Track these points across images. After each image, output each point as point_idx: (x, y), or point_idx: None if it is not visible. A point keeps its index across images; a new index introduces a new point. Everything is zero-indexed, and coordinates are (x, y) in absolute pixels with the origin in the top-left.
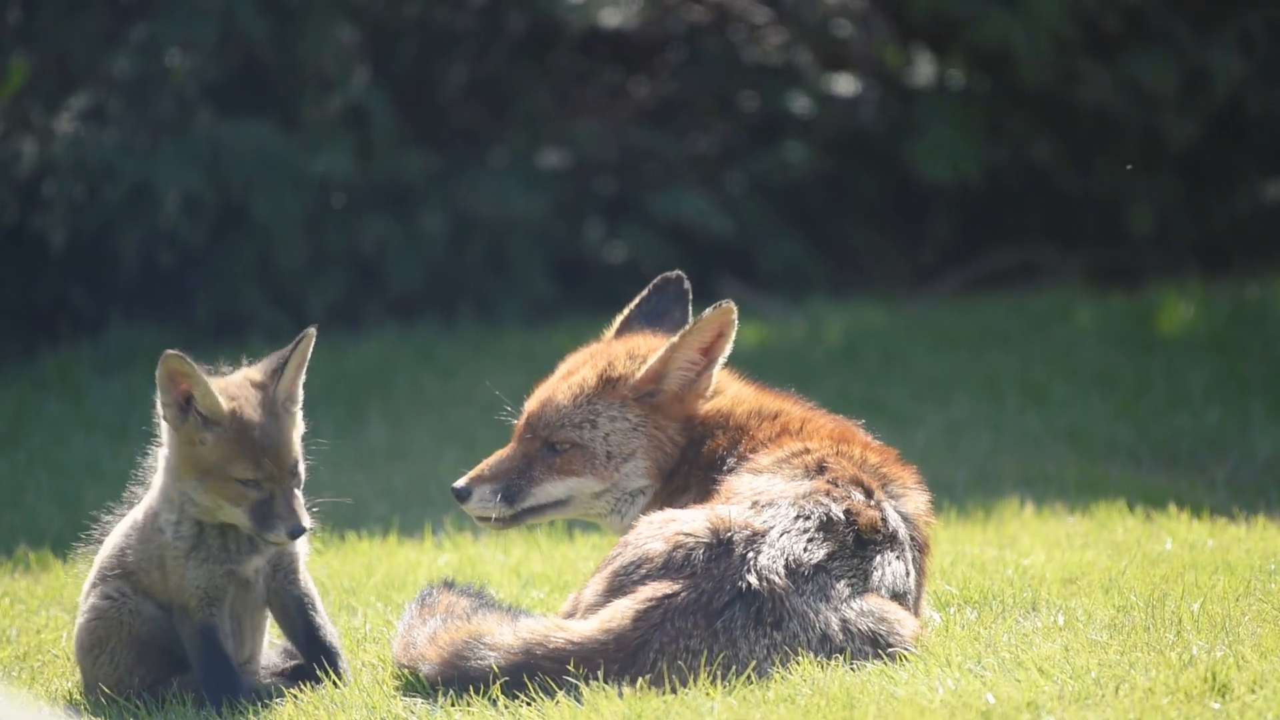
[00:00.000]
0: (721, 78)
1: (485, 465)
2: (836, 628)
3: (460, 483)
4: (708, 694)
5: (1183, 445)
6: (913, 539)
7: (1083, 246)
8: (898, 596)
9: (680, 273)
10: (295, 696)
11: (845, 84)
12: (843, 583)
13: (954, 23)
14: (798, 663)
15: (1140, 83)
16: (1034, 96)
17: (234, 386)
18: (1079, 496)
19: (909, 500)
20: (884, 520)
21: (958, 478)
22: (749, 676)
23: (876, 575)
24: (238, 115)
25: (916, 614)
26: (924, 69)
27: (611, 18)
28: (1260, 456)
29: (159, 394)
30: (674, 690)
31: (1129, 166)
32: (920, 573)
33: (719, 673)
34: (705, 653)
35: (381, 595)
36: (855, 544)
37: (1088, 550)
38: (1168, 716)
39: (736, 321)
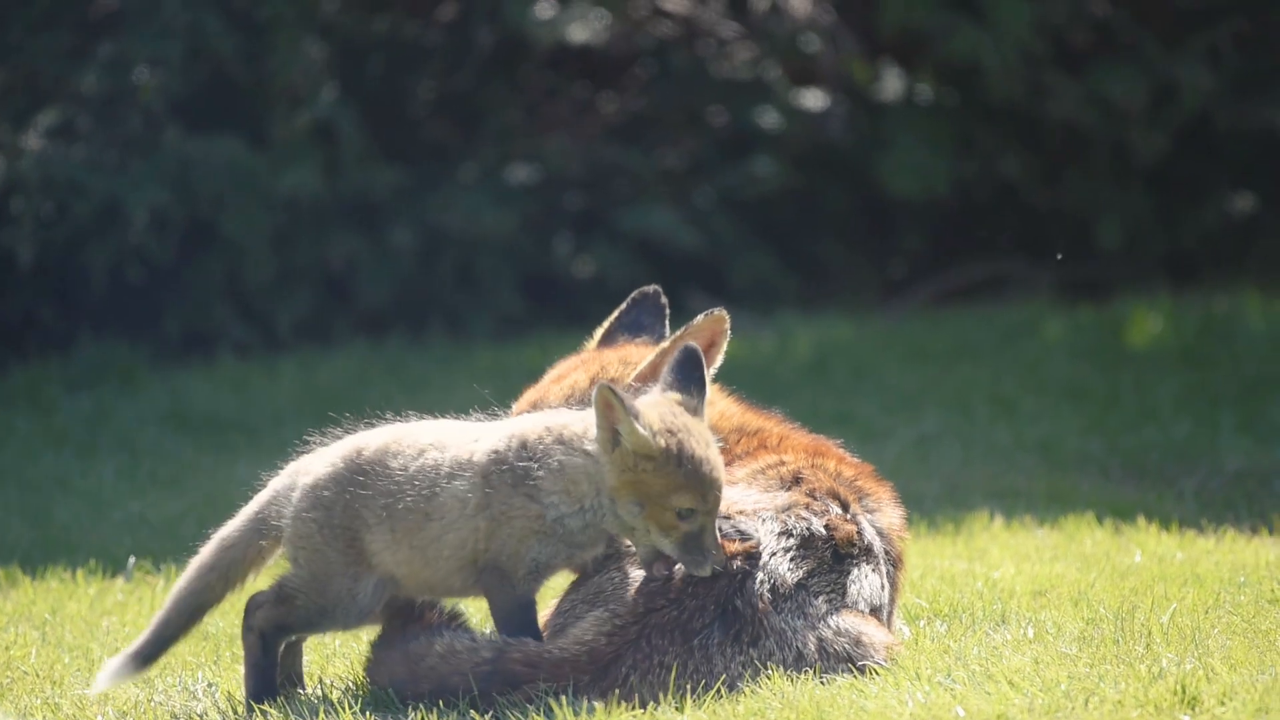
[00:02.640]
0: (690, 93)
1: None
2: (813, 647)
3: None
4: (678, 709)
5: (1152, 458)
6: (887, 553)
7: (1052, 260)
8: (874, 610)
9: (657, 287)
10: (264, 713)
11: (814, 99)
12: (821, 599)
13: (922, 37)
14: (769, 676)
15: (1109, 97)
16: (1003, 111)
17: (669, 415)
18: (1048, 509)
19: (884, 515)
20: (860, 534)
21: (928, 491)
22: (719, 690)
23: (854, 589)
24: (206, 132)
25: (890, 628)
26: (892, 84)
27: (580, 33)
28: (1229, 469)
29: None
30: (644, 705)
31: (1097, 182)
32: (894, 587)
33: (689, 686)
34: (677, 668)
35: None
36: (833, 559)
37: (1057, 563)
38: None
39: (729, 331)
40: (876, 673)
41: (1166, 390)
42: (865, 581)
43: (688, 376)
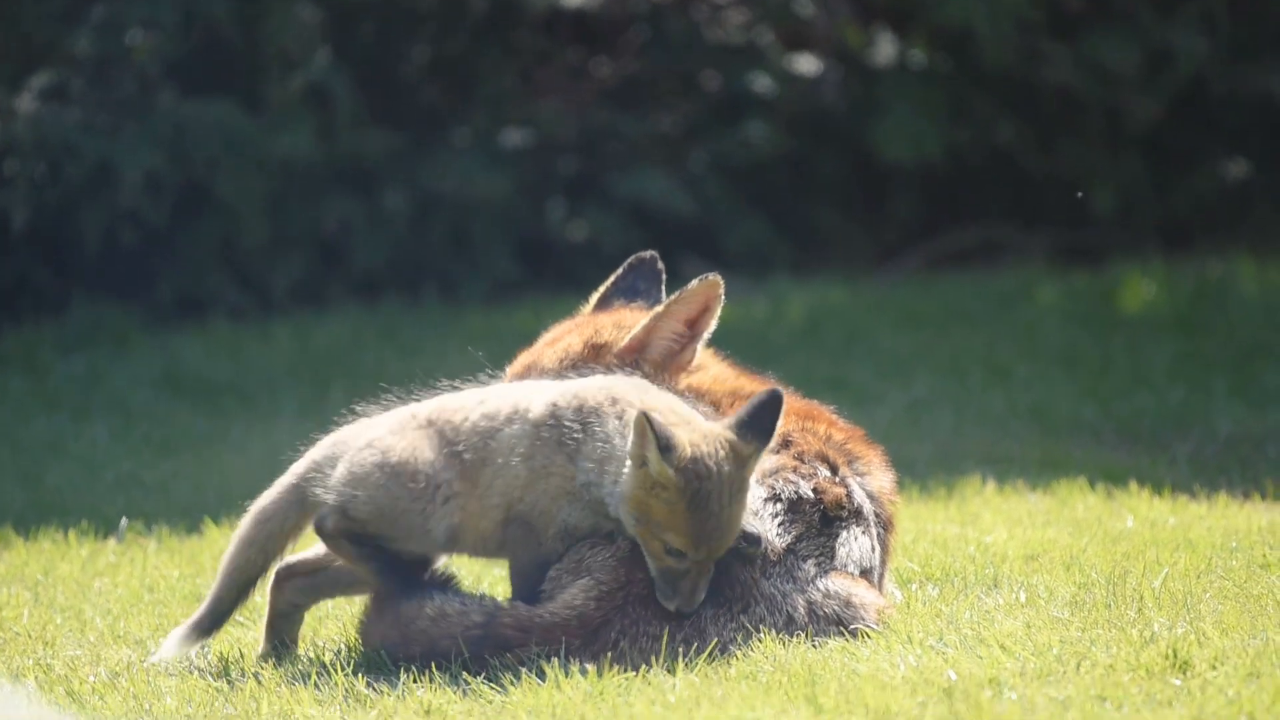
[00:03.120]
0: (684, 57)
1: None
2: (803, 611)
3: None
4: (669, 671)
5: (1145, 423)
6: (878, 515)
7: (1045, 226)
8: (865, 572)
9: (654, 253)
10: (256, 675)
11: (807, 64)
12: (810, 562)
13: (916, 3)
14: (760, 640)
15: (1103, 63)
16: (996, 77)
17: (706, 456)
18: (1041, 474)
19: (874, 478)
20: (849, 496)
21: (920, 456)
22: (711, 654)
23: (843, 552)
24: (200, 95)
25: (881, 590)
26: (886, 49)
27: None
28: (1222, 434)
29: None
30: (636, 668)
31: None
32: (885, 550)
33: (681, 650)
34: (667, 635)
35: None
36: (821, 522)
37: (1049, 528)
38: (1129, 693)
39: (723, 296)
40: (868, 636)
41: (1160, 356)
42: (855, 544)
43: (757, 422)
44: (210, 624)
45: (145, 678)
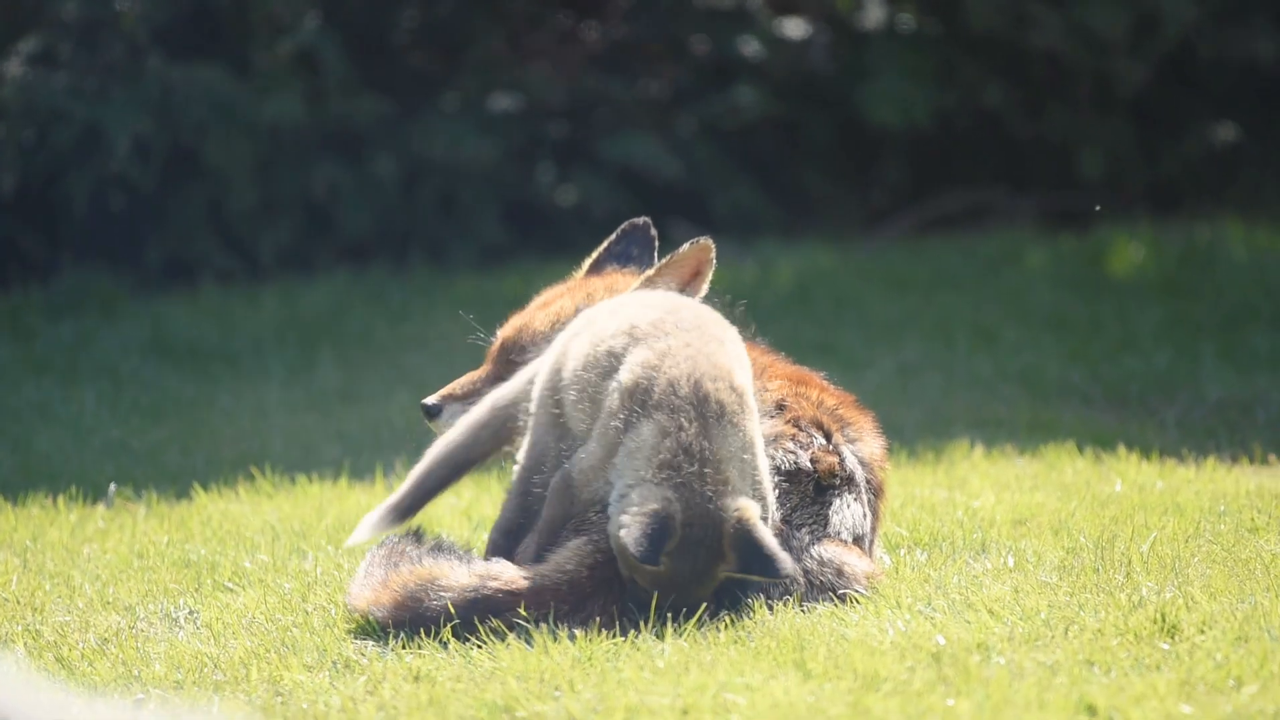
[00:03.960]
0: (672, 21)
1: (457, 384)
2: (800, 579)
3: (431, 399)
4: (658, 637)
5: (1133, 387)
6: (869, 482)
7: (1033, 190)
8: (857, 540)
9: (647, 219)
10: (244, 642)
11: (795, 27)
12: (804, 530)
13: None
14: (749, 605)
15: (1091, 27)
16: (985, 40)
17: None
18: (1029, 438)
19: (865, 444)
20: (842, 464)
21: (908, 420)
22: (700, 619)
23: (836, 519)
24: (188, 59)
25: (871, 557)
26: (874, 13)
27: None
28: (1210, 398)
29: None
30: (624, 633)
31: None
32: (875, 516)
33: (670, 617)
34: (655, 599)
35: (332, 539)
36: (815, 491)
37: (1037, 492)
38: (1117, 657)
39: (714, 260)
40: (857, 601)
41: (1148, 320)
42: (848, 511)
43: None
44: (411, 505)
45: (134, 643)
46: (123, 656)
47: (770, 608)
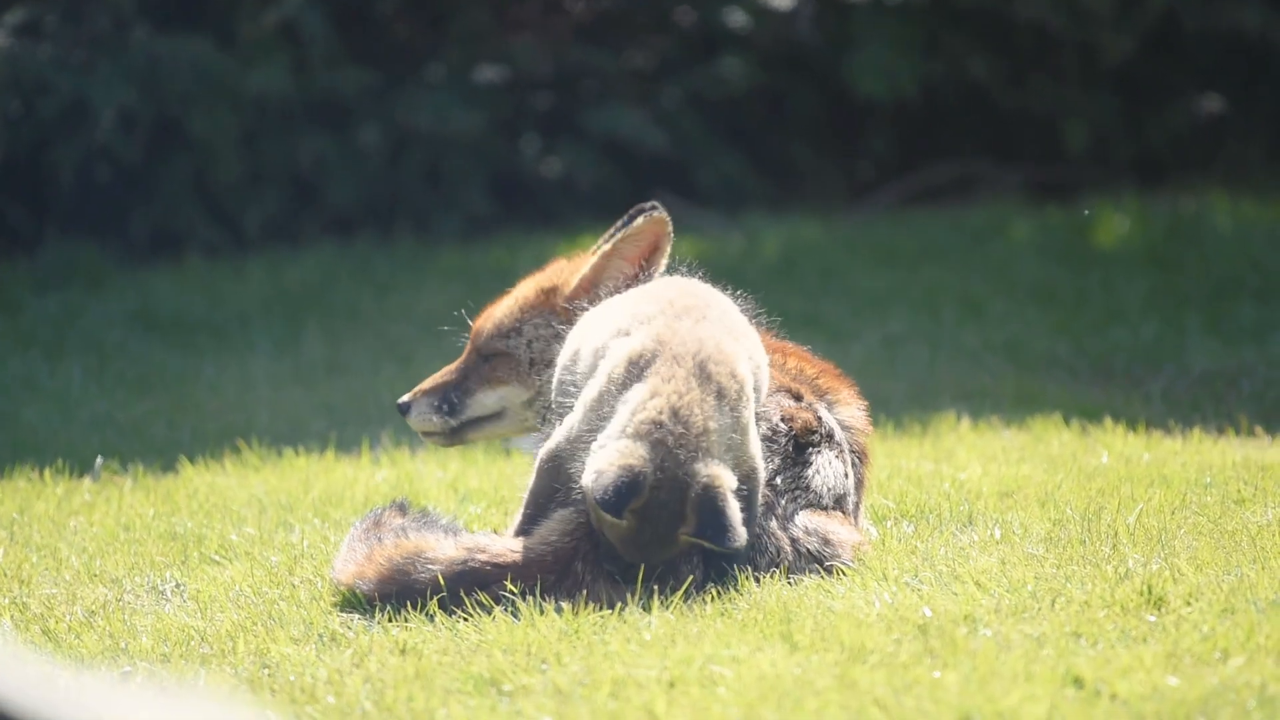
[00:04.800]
0: None
1: (429, 381)
2: (788, 548)
3: (404, 398)
4: (645, 609)
5: (1119, 359)
6: (851, 447)
7: (1019, 162)
8: (839, 500)
9: (655, 204)
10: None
11: None
12: (786, 498)
13: None
14: (735, 577)
15: None
16: (971, 12)
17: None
18: (1015, 411)
19: (845, 409)
20: (819, 419)
21: (895, 392)
22: (687, 591)
23: (817, 480)
24: (174, 31)
25: (856, 524)
26: None
27: None
28: (1196, 370)
29: None
30: (611, 605)
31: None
32: (859, 482)
33: (657, 589)
34: (642, 572)
35: (319, 511)
36: (794, 450)
37: (1024, 464)
38: (1104, 629)
39: (672, 233)
40: (844, 573)
41: (1134, 292)
42: (829, 469)
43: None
44: None
45: (121, 616)
46: (109, 629)
47: (757, 580)
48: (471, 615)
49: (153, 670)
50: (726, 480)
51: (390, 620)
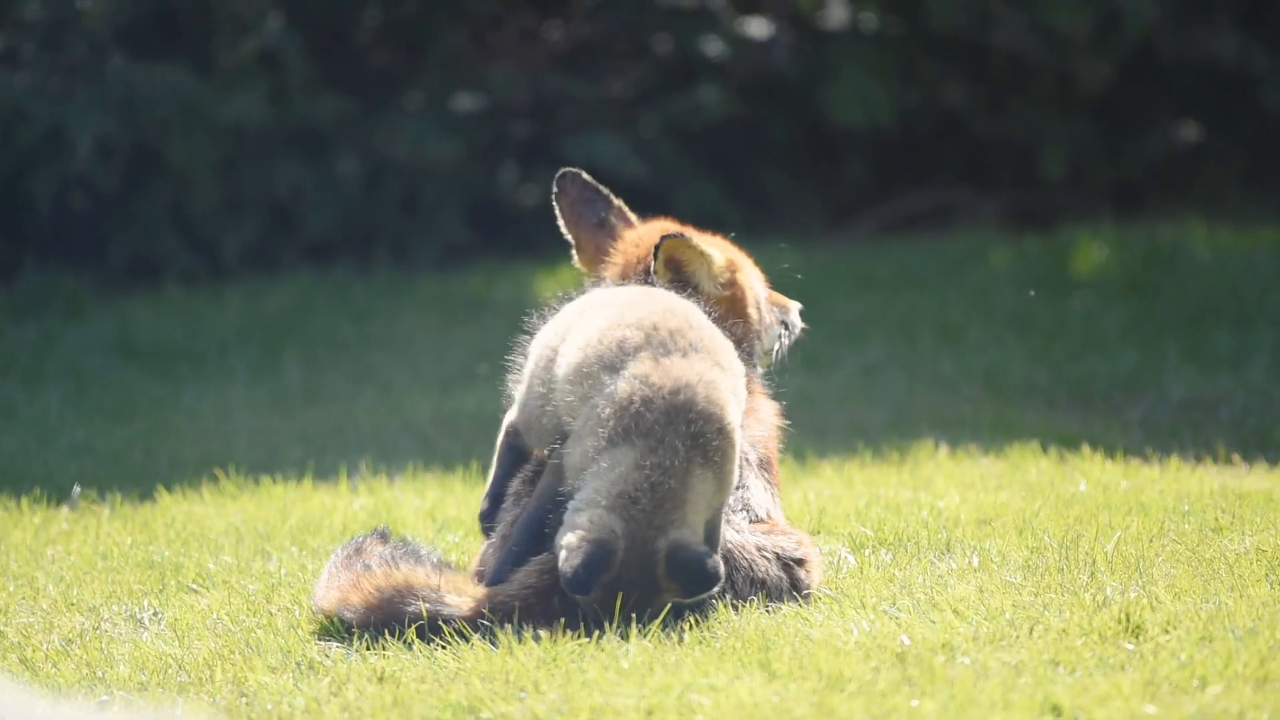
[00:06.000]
0: (635, 21)
1: None
2: (761, 565)
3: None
4: (623, 638)
5: (1097, 387)
6: (762, 462)
7: (997, 189)
8: (769, 512)
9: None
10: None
11: (759, 27)
12: (739, 514)
13: None
14: (713, 605)
15: (1054, 25)
16: (947, 40)
17: None
18: (993, 438)
19: (753, 429)
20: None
21: (873, 420)
22: (665, 620)
23: (755, 501)
24: (151, 59)
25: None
26: (837, 12)
27: None
28: (1174, 398)
29: None
30: (589, 634)
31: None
32: (774, 488)
33: (635, 616)
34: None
35: (296, 540)
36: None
37: (1002, 492)
38: (1082, 657)
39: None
40: (821, 601)
41: (1112, 319)
42: (756, 485)
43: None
44: None
45: (99, 645)
46: (87, 658)
47: (735, 608)
48: (450, 643)
49: (130, 699)
50: (688, 537)
51: (368, 648)
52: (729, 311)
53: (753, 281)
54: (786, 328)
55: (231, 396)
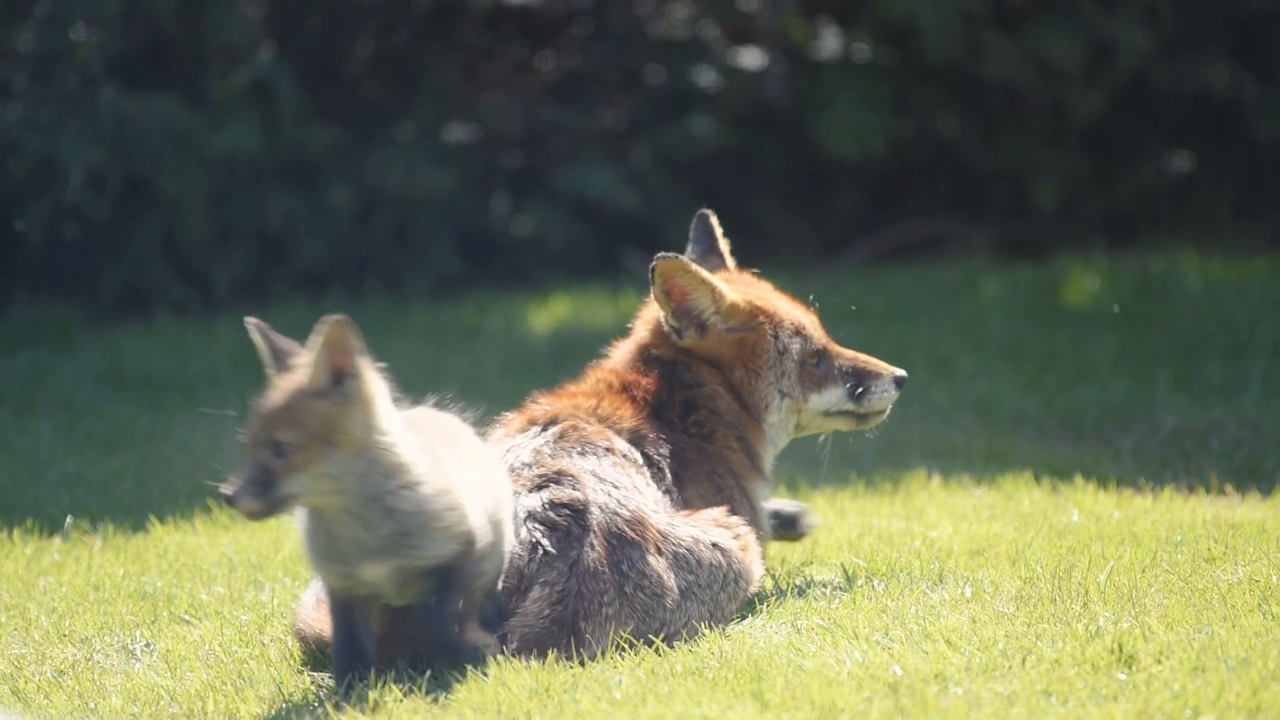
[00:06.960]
0: (628, 52)
1: None
2: (706, 554)
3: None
4: (615, 667)
5: (1089, 417)
6: (647, 456)
7: (989, 219)
8: (666, 502)
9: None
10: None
11: (751, 58)
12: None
13: None
14: (704, 635)
15: (1046, 56)
16: (940, 70)
17: None
18: (986, 468)
19: (621, 441)
20: (576, 487)
21: (865, 450)
22: (658, 650)
23: (649, 492)
24: (143, 90)
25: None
26: (830, 43)
27: None
28: (1166, 428)
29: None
30: (583, 663)
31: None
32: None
33: (628, 644)
34: (612, 612)
35: (289, 570)
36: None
37: (994, 522)
38: (1074, 688)
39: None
40: (815, 631)
41: (1104, 349)
42: (648, 489)
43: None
44: None
45: (91, 676)
46: (79, 689)
47: (725, 634)
48: (442, 674)
49: None
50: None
51: (360, 678)
52: (735, 359)
53: (789, 340)
54: (858, 400)
55: (223, 427)
